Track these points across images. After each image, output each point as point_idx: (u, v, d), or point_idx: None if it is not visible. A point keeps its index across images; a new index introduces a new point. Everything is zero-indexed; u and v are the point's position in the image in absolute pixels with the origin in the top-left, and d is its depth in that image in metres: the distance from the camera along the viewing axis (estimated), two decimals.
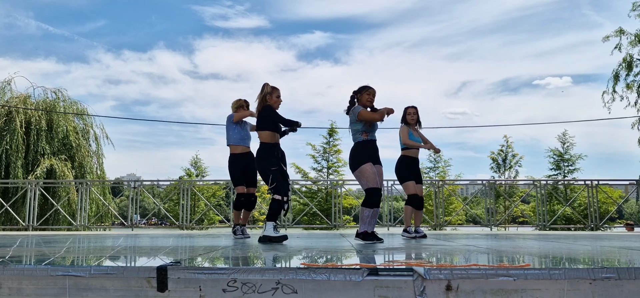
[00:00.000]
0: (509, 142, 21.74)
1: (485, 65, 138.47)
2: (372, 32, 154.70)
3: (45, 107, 17.53)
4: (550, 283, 1.81)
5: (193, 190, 12.23)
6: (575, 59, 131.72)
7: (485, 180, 11.78)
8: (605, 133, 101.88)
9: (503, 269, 1.86)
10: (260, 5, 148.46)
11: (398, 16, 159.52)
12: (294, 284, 1.87)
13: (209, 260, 2.59)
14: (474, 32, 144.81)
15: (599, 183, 10.99)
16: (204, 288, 1.89)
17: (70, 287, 1.95)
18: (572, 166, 20.42)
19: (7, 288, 1.99)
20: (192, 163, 22.83)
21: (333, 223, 10.74)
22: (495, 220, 11.19)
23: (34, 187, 10.96)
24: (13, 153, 16.03)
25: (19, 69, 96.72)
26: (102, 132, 18.47)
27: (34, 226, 10.53)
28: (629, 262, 2.36)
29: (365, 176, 4.29)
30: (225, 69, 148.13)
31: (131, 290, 1.92)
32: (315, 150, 19.73)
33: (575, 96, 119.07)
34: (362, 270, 1.87)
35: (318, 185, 16.51)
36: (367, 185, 4.29)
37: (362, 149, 4.40)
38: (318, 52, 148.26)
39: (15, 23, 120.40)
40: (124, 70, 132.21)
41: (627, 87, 15.49)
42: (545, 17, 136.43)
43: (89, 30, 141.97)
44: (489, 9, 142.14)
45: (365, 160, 4.32)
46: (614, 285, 1.82)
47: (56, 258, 2.68)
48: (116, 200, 19.30)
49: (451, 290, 1.81)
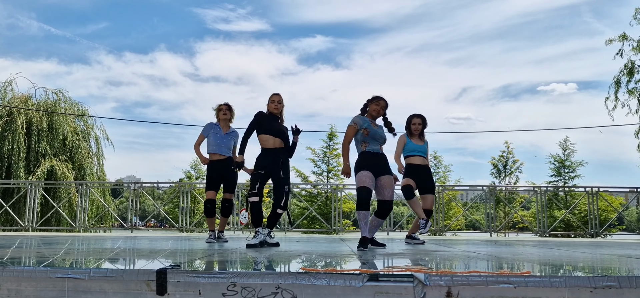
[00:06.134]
0: (509, 148, 21.73)
1: (486, 71, 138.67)
2: (373, 37, 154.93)
3: (46, 108, 17.54)
4: (551, 291, 1.81)
5: (193, 193, 12.21)
6: (576, 65, 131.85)
7: (485, 185, 11.77)
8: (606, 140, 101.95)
9: (503, 276, 1.86)
10: (261, 9, 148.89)
11: (399, 21, 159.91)
12: (294, 289, 1.86)
13: (208, 264, 2.58)
14: (475, 38, 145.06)
15: (600, 190, 10.97)
16: (204, 292, 1.89)
17: (70, 289, 1.95)
18: (573, 173, 20.39)
19: (6, 290, 1.98)
20: (192, 166, 22.79)
21: (333, 228, 10.72)
22: (495, 226, 11.15)
23: (35, 188, 10.96)
24: (14, 153, 16.03)
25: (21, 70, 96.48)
26: (102, 133, 18.47)
27: (34, 227, 10.52)
28: (630, 270, 2.35)
29: (357, 179, 4.27)
30: (226, 72, 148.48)
31: (130, 293, 1.91)
32: (315, 154, 19.71)
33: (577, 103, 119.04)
34: (362, 275, 1.86)
35: (318, 189, 16.49)
36: (356, 185, 4.27)
37: (360, 160, 4.37)
38: (319, 56, 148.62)
39: (17, 24, 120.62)
40: (125, 72, 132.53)
41: (629, 92, 15.45)
42: (546, 24, 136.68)
43: (91, 31, 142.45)
44: (489, 16, 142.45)
45: (360, 169, 4.29)
46: (615, 294, 1.81)
47: (55, 260, 2.67)
48: (116, 201, 19.29)
49: (451, 296, 1.81)
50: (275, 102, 4.72)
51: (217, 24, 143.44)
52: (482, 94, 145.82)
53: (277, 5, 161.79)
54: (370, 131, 4.36)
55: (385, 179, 4.34)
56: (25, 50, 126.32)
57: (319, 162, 19.73)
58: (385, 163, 4.44)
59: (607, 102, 15.78)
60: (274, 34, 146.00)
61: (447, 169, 22.42)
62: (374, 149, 4.38)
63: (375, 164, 4.31)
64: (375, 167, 4.29)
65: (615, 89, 15.64)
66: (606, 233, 11.39)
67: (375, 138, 4.39)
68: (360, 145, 4.41)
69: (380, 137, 4.46)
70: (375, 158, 4.35)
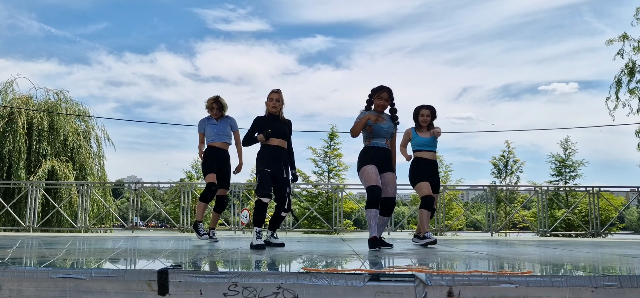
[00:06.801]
0: (510, 148, 21.71)
1: (486, 71, 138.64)
2: (373, 37, 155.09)
3: (47, 108, 17.56)
4: (552, 290, 1.81)
5: (194, 193, 12.21)
6: (577, 65, 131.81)
7: (486, 185, 11.76)
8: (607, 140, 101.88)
9: (505, 276, 1.86)
10: (262, 9, 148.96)
11: (399, 21, 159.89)
12: (295, 289, 1.86)
13: (209, 264, 2.58)
14: (475, 38, 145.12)
15: (601, 190, 10.96)
16: (205, 292, 1.89)
17: (71, 290, 1.95)
18: (574, 172, 20.37)
19: (8, 290, 1.98)
20: (193, 165, 22.79)
21: (334, 227, 10.72)
22: (496, 225, 11.15)
23: (36, 188, 10.97)
24: (15, 154, 16.05)
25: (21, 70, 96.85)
26: (103, 133, 18.49)
27: (35, 227, 10.53)
28: (631, 270, 2.35)
29: (364, 176, 4.25)
30: (226, 72, 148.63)
31: (132, 293, 1.92)
32: (316, 154, 19.71)
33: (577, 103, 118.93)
34: (364, 275, 1.86)
35: (319, 188, 16.49)
36: (365, 184, 4.26)
37: (364, 153, 4.36)
38: (319, 56, 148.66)
39: (18, 24, 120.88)
40: (125, 72, 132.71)
41: (629, 92, 15.44)
42: (546, 24, 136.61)
43: (91, 32, 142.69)
44: (489, 15, 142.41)
45: (365, 163, 4.29)
46: (616, 293, 1.81)
47: (57, 260, 2.67)
48: (117, 202, 19.29)
49: (453, 296, 1.81)
50: (273, 100, 4.62)
51: (217, 24, 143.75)
52: (483, 93, 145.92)
53: (277, 5, 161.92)
54: (373, 128, 4.34)
55: (388, 176, 4.33)
56: (25, 51, 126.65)
57: (320, 162, 19.74)
58: (389, 159, 4.41)
59: (608, 101, 15.77)
60: (274, 34, 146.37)
61: (448, 169, 22.42)
62: (378, 143, 4.37)
63: (379, 159, 4.30)
64: (379, 163, 4.28)
65: (616, 88, 15.63)
66: (607, 232, 11.36)
67: (379, 134, 4.36)
68: (365, 140, 4.42)
69: (386, 133, 4.40)
70: (379, 153, 4.33)
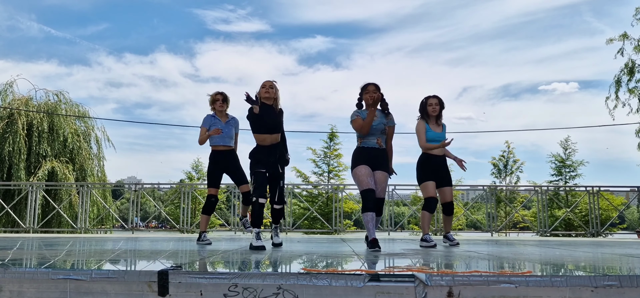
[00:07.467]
0: (510, 148, 21.71)
1: (486, 71, 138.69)
2: (373, 37, 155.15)
3: (47, 109, 17.56)
4: (552, 290, 1.81)
5: (193, 194, 12.21)
6: (576, 65, 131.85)
7: (486, 185, 11.76)
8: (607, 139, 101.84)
9: (505, 276, 1.86)
10: (261, 10, 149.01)
11: (399, 21, 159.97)
12: (295, 289, 1.86)
13: (210, 265, 2.58)
14: (475, 38, 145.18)
15: (601, 189, 10.96)
16: (205, 293, 1.89)
17: (71, 291, 1.95)
18: (574, 172, 20.37)
19: (8, 291, 1.98)
20: (193, 166, 22.79)
21: (334, 228, 10.72)
22: (495, 225, 11.14)
23: (36, 190, 10.97)
24: (15, 155, 16.05)
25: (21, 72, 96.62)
26: (103, 134, 18.48)
27: (35, 228, 10.52)
28: (631, 270, 2.35)
29: (357, 179, 4.27)
30: (226, 72, 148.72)
31: (132, 294, 1.92)
32: (316, 154, 19.71)
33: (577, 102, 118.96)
34: (364, 275, 1.86)
35: (319, 189, 16.48)
36: (359, 188, 4.27)
37: (357, 154, 4.37)
38: (319, 56, 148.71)
39: (18, 25, 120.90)
40: (125, 73, 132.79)
41: (629, 92, 15.45)
42: (546, 24, 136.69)
43: (91, 33, 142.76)
44: (489, 15, 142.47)
45: (357, 164, 4.30)
46: (616, 293, 1.81)
47: (57, 262, 2.67)
48: (117, 202, 19.29)
49: (453, 296, 1.81)
50: (266, 87, 4.44)
51: (217, 25, 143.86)
52: (483, 93, 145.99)
53: (277, 6, 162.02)
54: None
55: (378, 174, 4.32)
56: (25, 52, 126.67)
57: (320, 163, 19.73)
58: (381, 158, 4.37)
59: (608, 101, 15.78)
60: (274, 34, 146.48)
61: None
62: (370, 143, 4.35)
63: (371, 159, 4.29)
64: (371, 162, 4.28)
65: (616, 88, 15.65)
66: (607, 232, 11.37)
67: (371, 132, 4.32)
68: (357, 140, 4.43)
69: (375, 130, 4.33)
70: (371, 153, 4.32)
